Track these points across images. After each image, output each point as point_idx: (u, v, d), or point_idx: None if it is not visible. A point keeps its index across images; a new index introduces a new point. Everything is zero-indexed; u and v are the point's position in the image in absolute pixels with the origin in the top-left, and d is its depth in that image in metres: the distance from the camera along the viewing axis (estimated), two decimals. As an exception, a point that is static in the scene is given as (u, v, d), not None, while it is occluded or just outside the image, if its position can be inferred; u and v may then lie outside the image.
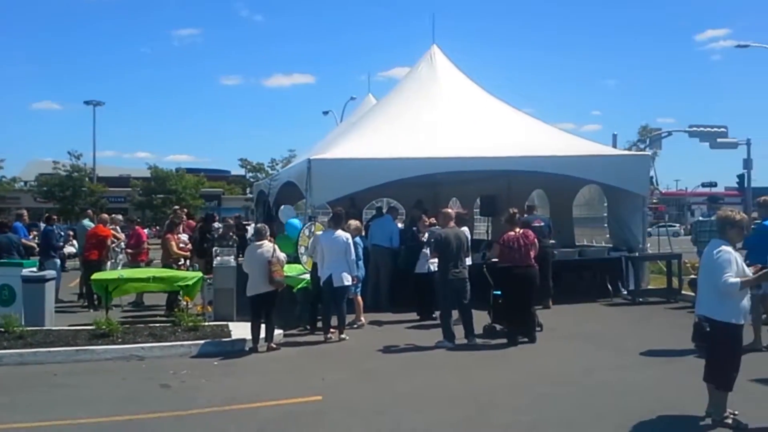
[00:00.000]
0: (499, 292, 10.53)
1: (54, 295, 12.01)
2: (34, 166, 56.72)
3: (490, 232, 19.07)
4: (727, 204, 11.28)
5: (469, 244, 10.61)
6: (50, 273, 11.69)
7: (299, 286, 11.55)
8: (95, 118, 51.00)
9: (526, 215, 13.88)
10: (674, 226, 22.05)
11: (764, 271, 6.25)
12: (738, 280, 5.97)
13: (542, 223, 13.51)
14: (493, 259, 10.66)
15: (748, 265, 6.32)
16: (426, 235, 12.08)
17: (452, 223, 10.52)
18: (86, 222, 16.54)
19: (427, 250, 11.57)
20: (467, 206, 18.95)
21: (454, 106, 15.59)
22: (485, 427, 6.45)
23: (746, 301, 6.23)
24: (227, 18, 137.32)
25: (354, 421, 6.66)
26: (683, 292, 14.00)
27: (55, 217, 16.54)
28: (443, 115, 15.07)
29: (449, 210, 11.26)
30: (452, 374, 8.46)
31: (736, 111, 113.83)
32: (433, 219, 12.73)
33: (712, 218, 11.66)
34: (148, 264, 15.07)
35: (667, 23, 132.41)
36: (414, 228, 13.04)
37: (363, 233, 12.72)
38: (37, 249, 14.60)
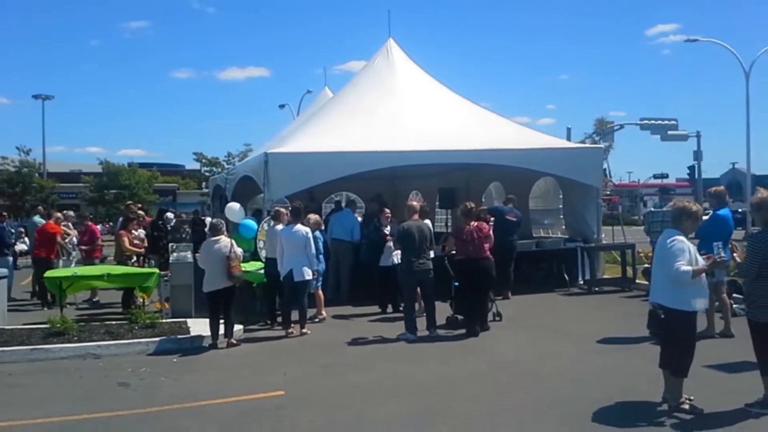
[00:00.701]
0: (458, 284, 10.62)
1: (6, 294, 11.73)
2: (-18, 162, 55.09)
3: (449, 224, 19.22)
4: (678, 195, 11.53)
5: (433, 236, 10.64)
6: (2, 271, 11.40)
7: (258, 281, 11.46)
8: (44, 112, 49.93)
9: (503, 204, 14.10)
10: None
11: (714, 259, 6.41)
12: (690, 268, 6.11)
13: (515, 219, 13.67)
14: (452, 252, 10.75)
15: (702, 254, 6.47)
16: (388, 228, 12.12)
17: (416, 216, 10.56)
18: (37, 218, 16.16)
19: (392, 243, 11.63)
20: (428, 199, 19.01)
21: (412, 99, 15.61)
22: (446, 417, 6.50)
23: (702, 289, 6.39)
24: (178, 10, 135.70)
25: (316, 415, 6.65)
26: (637, 281, 14.30)
27: (5, 213, 16.07)
28: (401, 109, 15.08)
29: (414, 203, 11.31)
30: (414, 366, 8.50)
31: (686, 104, 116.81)
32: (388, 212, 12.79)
33: (664, 209, 11.95)
34: (102, 261, 14.82)
35: (618, 18, 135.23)
36: (376, 221, 13.03)
37: (323, 227, 12.67)
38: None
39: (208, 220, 17.87)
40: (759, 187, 7.35)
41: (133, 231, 13.58)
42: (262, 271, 11.27)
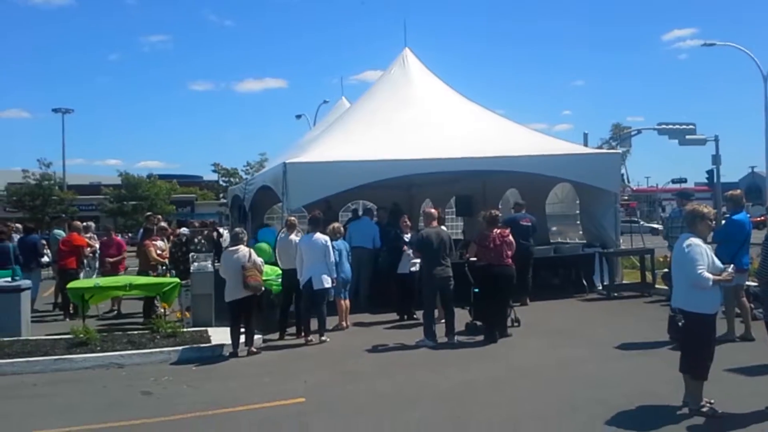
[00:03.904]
0: (478, 290, 10.64)
1: (30, 305, 11.89)
2: (4, 175, 55.77)
3: (464, 231, 19.22)
4: (697, 199, 11.45)
5: (452, 242, 10.68)
6: (25, 282, 11.56)
7: (277, 289, 11.53)
8: (64, 125, 50.51)
9: (514, 212, 14.05)
10: None
11: (730, 271, 6.39)
12: (711, 276, 6.12)
13: (529, 223, 13.64)
14: (473, 258, 10.79)
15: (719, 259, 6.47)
16: (408, 235, 12.17)
17: (435, 223, 10.62)
18: (58, 231, 16.35)
19: (410, 251, 11.67)
20: (440, 207, 19.05)
21: (428, 108, 15.67)
22: (467, 423, 6.53)
23: (718, 291, 6.40)
24: (197, 23, 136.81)
25: (337, 422, 6.72)
26: (657, 286, 14.22)
27: (33, 226, 16.32)
28: (417, 117, 15.13)
29: (431, 210, 11.32)
30: (433, 373, 8.53)
31: (704, 108, 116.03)
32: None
33: (684, 213, 11.89)
34: (124, 272, 14.96)
35: (633, 24, 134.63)
36: (398, 229, 13.05)
37: (339, 236, 12.67)
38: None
39: (224, 230, 18.05)
40: None
41: (156, 242, 13.72)
42: (280, 281, 11.34)
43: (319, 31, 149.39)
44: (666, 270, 13.72)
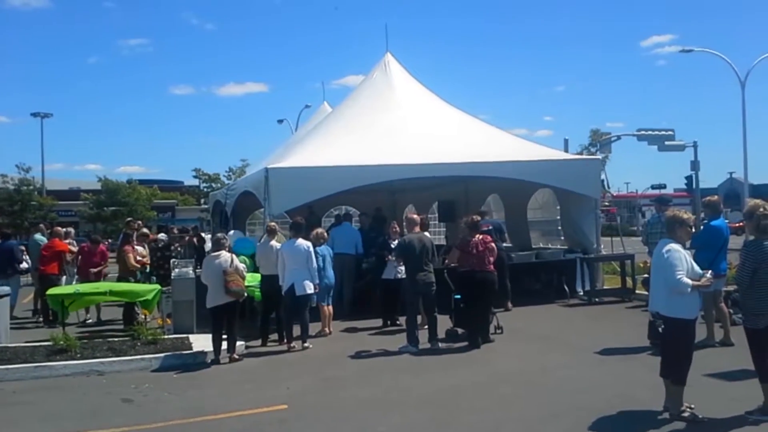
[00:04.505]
0: (459, 296, 10.67)
1: (9, 312, 11.76)
2: (-19, 180, 55.10)
3: (447, 237, 19.26)
4: (675, 205, 11.55)
5: (434, 248, 10.70)
6: (4, 289, 11.43)
7: (259, 296, 11.48)
8: (43, 130, 50.00)
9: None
10: None
11: (709, 276, 6.47)
12: (690, 282, 6.19)
13: (490, 227, 13.63)
14: (453, 264, 10.82)
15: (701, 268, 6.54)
16: (395, 242, 12.20)
17: (417, 228, 10.65)
18: (38, 236, 16.18)
19: (392, 258, 11.68)
20: (424, 212, 19.10)
21: (410, 113, 15.70)
22: (449, 428, 6.54)
23: (697, 297, 6.47)
24: (178, 27, 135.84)
25: (319, 428, 6.71)
26: (637, 291, 14.33)
27: (9, 232, 16.10)
28: (400, 123, 15.17)
29: (414, 215, 11.34)
30: (416, 378, 8.54)
31: (683, 114, 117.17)
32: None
33: (663, 219, 11.99)
34: (104, 278, 14.84)
35: (613, 31, 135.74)
36: (385, 237, 13.04)
37: (322, 241, 12.65)
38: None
39: (207, 236, 17.99)
40: (748, 198, 7.46)
41: (137, 247, 13.65)
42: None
43: (301, 35, 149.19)
44: (646, 276, 13.83)
